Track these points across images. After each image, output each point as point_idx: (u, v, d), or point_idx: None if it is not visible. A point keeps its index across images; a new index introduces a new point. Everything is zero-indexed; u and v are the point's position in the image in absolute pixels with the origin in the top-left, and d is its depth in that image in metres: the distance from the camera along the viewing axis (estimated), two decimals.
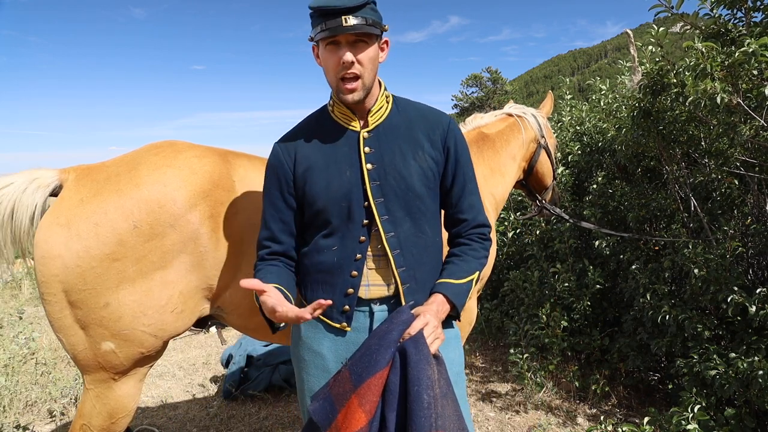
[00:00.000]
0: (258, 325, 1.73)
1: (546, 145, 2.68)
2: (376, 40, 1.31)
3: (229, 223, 1.66)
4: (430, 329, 1.23)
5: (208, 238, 1.61)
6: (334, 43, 1.27)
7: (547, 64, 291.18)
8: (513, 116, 2.64)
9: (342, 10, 1.22)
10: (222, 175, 1.69)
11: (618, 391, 3.17)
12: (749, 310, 2.29)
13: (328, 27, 1.23)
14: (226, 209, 1.66)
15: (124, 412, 1.62)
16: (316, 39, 1.30)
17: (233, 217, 1.67)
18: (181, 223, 1.56)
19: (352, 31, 1.23)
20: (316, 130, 1.42)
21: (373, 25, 1.26)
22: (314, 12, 1.27)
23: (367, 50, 1.28)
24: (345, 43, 1.26)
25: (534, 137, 2.64)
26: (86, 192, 1.56)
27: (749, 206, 2.87)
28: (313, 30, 1.30)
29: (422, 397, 1.11)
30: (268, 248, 1.41)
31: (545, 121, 2.74)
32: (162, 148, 1.70)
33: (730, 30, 2.42)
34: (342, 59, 1.26)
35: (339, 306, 1.36)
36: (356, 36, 1.26)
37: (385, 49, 1.38)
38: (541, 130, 2.67)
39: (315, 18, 1.28)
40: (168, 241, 1.55)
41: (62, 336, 1.54)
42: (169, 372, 4.05)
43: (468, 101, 39.65)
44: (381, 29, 1.31)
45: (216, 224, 1.63)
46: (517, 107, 2.74)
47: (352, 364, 1.21)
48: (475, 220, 1.44)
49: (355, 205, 1.34)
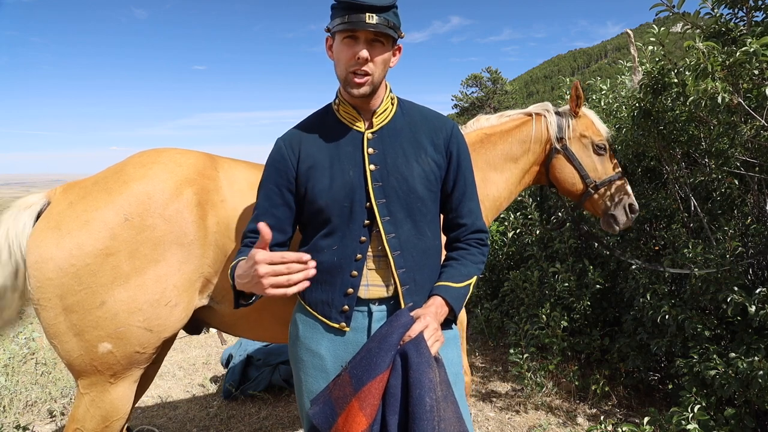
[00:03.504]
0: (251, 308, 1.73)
1: (565, 148, 2.37)
2: (391, 44, 1.33)
3: (216, 210, 1.68)
4: (430, 331, 1.23)
5: (197, 226, 1.63)
6: (352, 37, 1.28)
7: (547, 64, 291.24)
8: (531, 116, 2.42)
9: (368, 7, 1.23)
10: (206, 165, 1.74)
11: (618, 391, 3.17)
12: (749, 310, 2.29)
13: (350, 20, 1.24)
14: (212, 197, 1.69)
15: (118, 416, 1.61)
16: (335, 30, 1.30)
17: (220, 205, 1.70)
18: (170, 212, 1.59)
19: (372, 28, 1.24)
20: (321, 128, 1.43)
21: (392, 28, 1.28)
22: (339, 3, 1.28)
23: (382, 51, 1.30)
24: (363, 39, 1.27)
25: (545, 138, 2.38)
26: (74, 196, 1.59)
27: (749, 206, 2.86)
28: (333, 21, 1.30)
29: (424, 401, 1.11)
30: (254, 239, 1.40)
31: (575, 121, 2.40)
32: (146, 151, 1.78)
33: (731, 29, 2.42)
34: (357, 54, 1.27)
35: (338, 305, 1.36)
36: (375, 35, 1.27)
37: (397, 55, 1.39)
38: (561, 132, 2.38)
39: (338, 10, 1.28)
40: (159, 232, 1.56)
41: (57, 342, 1.53)
42: (169, 372, 4.05)
43: (468, 101, 39.63)
44: (398, 34, 1.32)
45: (203, 212, 1.65)
46: (542, 105, 2.48)
47: (353, 368, 1.21)
48: (474, 225, 1.46)
49: (357, 205, 1.35)
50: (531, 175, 2.45)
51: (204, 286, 1.70)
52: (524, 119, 2.42)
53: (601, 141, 2.41)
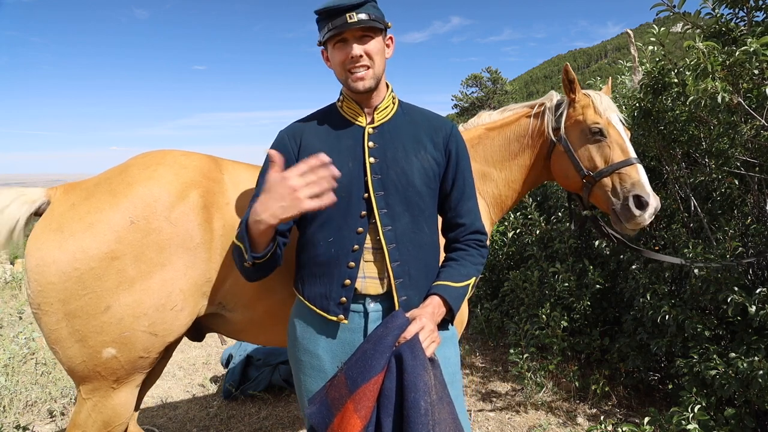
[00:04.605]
0: (264, 313, 1.73)
1: (562, 139, 2.11)
2: (381, 34, 1.37)
3: (222, 213, 1.67)
4: (426, 333, 1.23)
5: (203, 229, 1.61)
6: (342, 40, 1.34)
7: (547, 64, 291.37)
8: (533, 107, 2.23)
9: (346, 7, 1.29)
10: (211, 168, 1.72)
11: (618, 391, 3.17)
12: (749, 310, 2.29)
13: (334, 26, 1.30)
14: (217, 199, 1.67)
15: (120, 421, 1.59)
16: (325, 39, 1.36)
17: (225, 207, 1.68)
18: (176, 215, 1.56)
19: (357, 25, 1.29)
20: (324, 122, 1.46)
21: (376, 20, 1.32)
22: (320, 15, 1.34)
23: (374, 42, 1.34)
24: (352, 38, 1.33)
25: (542, 130, 2.17)
26: (77, 197, 1.55)
27: (749, 206, 2.86)
28: (321, 33, 1.37)
29: (419, 404, 1.11)
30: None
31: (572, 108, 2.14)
32: (149, 153, 1.75)
33: (731, 29, 2.42)
34: (351, 54, 1.32)
35: (336, 297, 1.36)
36: (362, 31, 1.32)
37: (390, 45, 1.44)
38: (558, 122, 2.13)
39: (321, 21, 1.35)
40: (164, 235, 1.54)
41: (58, 348, 1.49)
42: (169, 372, 4.05)
43: (468, 101, 39.66)
44: (384, 25, 1.37)
45: (209, 215, 1.63)
46: (547, 95, 2.27)
47: (348, 369, 1.21)
48: (472, 225, 1.47)
49: (355, 197, 1.36)
50: (536, 171, 2.22)
51: (210, 290, 1.67)
52: (524, 112, 2.25)
53: (595, 125, 2.05)
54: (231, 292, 1.69)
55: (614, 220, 2.06)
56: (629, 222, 1.99)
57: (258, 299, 1.70)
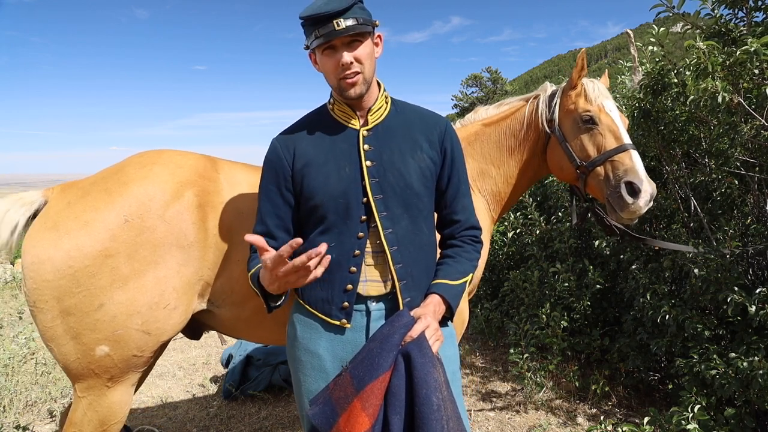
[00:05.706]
0: (252, 311, 1.74)
1: (556, 130, 2.05)
2: (369, 37, 1.35)
3: (217, 212, 1.67)
4: (432, 331, 1.24)
5: (198, 228, 1.61)
6: (331, 47, 1.31)
7: (547, 64, 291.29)
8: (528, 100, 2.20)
9: (332, 14, 1.25)
10: (206, 167, 1.72)
11: (618, 391, 3.17)
12: (749, 310, 2.29)
13: (321, 34, 1.28)
14: (212, 198, 1.67)
15: (116, 419, 1.60)
16: (312, 47, 1.34)
17: (220, 207, 1.68)
18: (170, 214, 1.58)
19: (345, 33, 1.27)
20: (316, 127, 1.44)
21: (364, 24, 1.29)
22: (305, 21, 1.31)
23: (363, 47, 1.32)
24: (341, 45, 1.30)
25: (536, 122, 2.12)
26: (73, 196, 1.57)
27: (749, 206, 2.86)
28: (308, 38, 1.34)
29: (431, 400, 1.12)
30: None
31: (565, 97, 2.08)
32: (145, 152, 1.76)
33: (731, 30, 2.42)
34: (341, 62, 1.30)
35: (338, 302, 1.36)
36: (351, 37, 1.30)
37: (379, 44, 1.41)
38: (552, 113, 2.08)
39: (307, 27, 1.32)
40: (158, 234, 1.55)
41: (53, 345, 1.51)
42: (169, 372, 4.05)
43: (468, 101, 39.68)
44: (372, 26, 1.34)
45: (204, 214, 1.64)
46: (541, 87, 2.22)
47: (353, 368, 1.21)
48: (468, 221, 1.47)
49: (353, 202, 1.36)
50: (534, 165, 2.18)
51: (203, 289, 1.68)
52: (520, 105, 2.22)
53: (585, 112, 1.99)
54: (221, 290, 1.70)
55: (609, 209, 1.98)
56: (624, 211, 1.91)
57: (248, 298, 1.71)
